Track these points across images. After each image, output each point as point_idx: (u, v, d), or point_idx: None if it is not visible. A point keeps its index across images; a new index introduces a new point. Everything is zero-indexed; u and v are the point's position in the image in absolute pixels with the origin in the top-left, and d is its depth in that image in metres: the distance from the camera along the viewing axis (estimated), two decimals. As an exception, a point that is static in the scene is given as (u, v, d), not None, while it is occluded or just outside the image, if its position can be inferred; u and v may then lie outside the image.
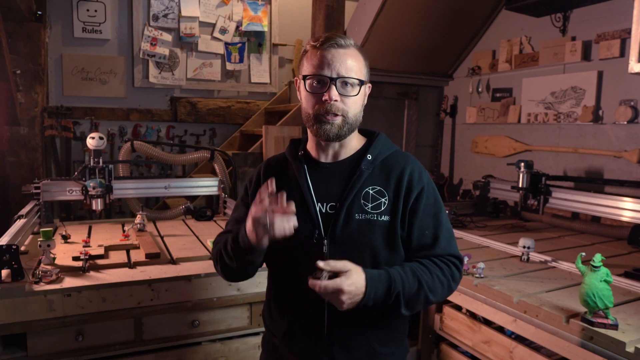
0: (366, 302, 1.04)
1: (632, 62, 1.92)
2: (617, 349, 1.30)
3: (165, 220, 2.84)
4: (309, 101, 1.16)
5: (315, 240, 1.14)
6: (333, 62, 1.11)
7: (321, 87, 1.13)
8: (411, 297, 1.08)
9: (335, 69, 1.11)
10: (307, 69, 1.15)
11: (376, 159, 1.20)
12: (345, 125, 1.15)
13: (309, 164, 1.23)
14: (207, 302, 1.82)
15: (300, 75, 1.18)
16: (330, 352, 1.16)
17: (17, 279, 1.59)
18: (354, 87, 1.14)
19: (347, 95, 1.13)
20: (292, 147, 1.28)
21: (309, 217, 1.16)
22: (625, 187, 2.62)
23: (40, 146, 3.53)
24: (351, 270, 1.02)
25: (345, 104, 1.13)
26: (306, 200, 1.17)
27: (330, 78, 1.11)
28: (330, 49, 1.12)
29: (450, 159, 4.12)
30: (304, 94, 1.17)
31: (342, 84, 1.12)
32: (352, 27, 3.68)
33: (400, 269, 1.10)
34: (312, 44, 1.15)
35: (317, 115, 1.14)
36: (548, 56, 3.21)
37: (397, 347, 1.24)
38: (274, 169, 1.28)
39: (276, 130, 3.49)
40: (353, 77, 1.13)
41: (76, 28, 3.72)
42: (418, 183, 1.18)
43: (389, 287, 1.05)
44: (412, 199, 1.16)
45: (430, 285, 1.10)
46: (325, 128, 1.14)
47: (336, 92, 1.12)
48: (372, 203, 1.16)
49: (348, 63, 1.12)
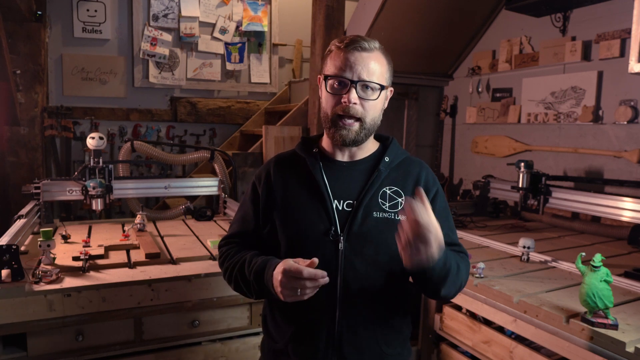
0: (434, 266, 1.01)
1: (632, 62, 1.92)
2: (617, 349, 1.30)
3: (165, 220, 2.84)
4: (328, 101, 1.15)
5: (331, 237, 1.14)
6: (355, 64, 1.11)
7: (341, 89, 1.13)
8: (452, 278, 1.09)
9: (357, 72, 1.11)
10: (330, 69, 1.15)
11: (393, 162, 1.22)
12: (362, 131, 1.15)
13: (324, 161, 1.22)
14: (207, 302, 1.81)
15: (322, 75, 1.18)
16: (340, 352, 1.15)
17: (17, 279, 1.58)
18: (375, 91, 1.14)
19: (366, 99, 1.13)
20: (304, 144, 1.28)
21: (325, 214, 1.16)
22: (625, 187, 2.62)
23: (40, 146, 3.53)
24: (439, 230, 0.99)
25: (364, 108, 1.13)
26: (323, 197, 1.17)
27: (351, 81, 1.11)
28: (354, 51, 1.11)
29: (450, 159, 4.12)
30: (324, 94, 1.17)
31: (363, 87, 1.12)
32: (352, 27, 3.68)
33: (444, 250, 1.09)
34: (336, 45, 1.15)
35: (334, 117, 1.14)
36: (548, 56, 3.21)
37: (402, 349, 1.25)
38: (284, 165, 1.26)
39: (276, 130, 3.49)
40: (374, 81, 1.12)
41: (76, 28, 3.72)
42: (433, 186, 1.23)
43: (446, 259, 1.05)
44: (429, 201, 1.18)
45: (462, 272, 1.14)
46: (342, 133, 1.14)
47: (356, 94, 1.11)
48: (390, 202, 1.17)
49: (370, 66, 1.12)
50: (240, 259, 1.20)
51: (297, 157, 1.26)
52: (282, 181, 1.23)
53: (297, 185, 1.21)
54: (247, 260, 1.17)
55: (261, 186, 1.25)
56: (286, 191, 1.22)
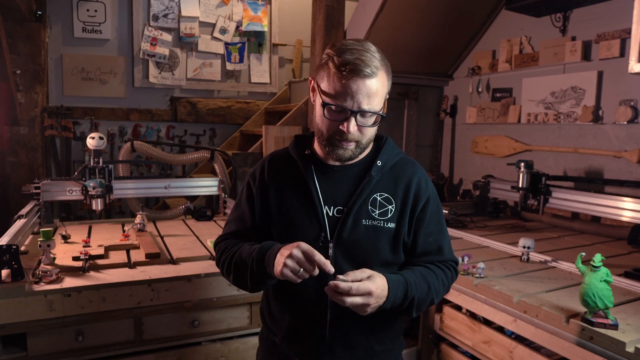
0: (385, 306, 1.05)
1: (632, 62, 1.92)
2: (617, 349, 1.30)
3: (165, 220, 2.84)
4: (324, 123, 1.12)
5: (321, 243, 1.14)
6: (357, 94, 1.06)
7: (339, 115, 1.09)
8: (422, 300, 1.12)
9: (358, 102, 1.06)
10: (328, 88, 1.08)
11: (385, 165, 1.21)
12: (357, 150, 1.15)
13: (316, 164, 1.21)
14: (207, 302, 1.81)
15: (317, 85, 1.14)
16: (332, 351, 1.17)
17: (17, 279, 1.58)
18: (372, 117, 1.12)
19: (364, 125, 1.11)
20: (297, 144, 1.26)
21: (315, 220, 1.16)
22: (625, 187, 2.62)
23: (40, 146, 3.53)
24: (374, 275, 1.02)
25: (361, 132, 1.12)
26: (314, 203, 1.16)
27: (351, 111, 1.07)
28: (356, 79, 1.05)
29: (450, 159, 4.12)
30: (320, 114, 1.13)
31: (362, 115, 1.10)
32: (352, 27, 3.68)
33: (412, 274, 1.13)
34: (336, 65, 1.06)
35: (331, 138, 1.13)
36: (548, 56, 3.21)
37: (394, 344, 1.26)
38: (278, 165, 1.26)
39: (276, 130, 3.49)
40: (374, 110, 1.09)
41: (76, 28, 3.72)
42: (425, 192, 1.21)
43: (406, 292, 1.08)
44: (419, 208, 1.19)
45: (436, 288, 1.15)
46: (339, 152, 1.14)
47: (355, 123, 1.09)
48: (380, 209, 1.17)
49: (372, 94, 1.07)
50: (240, 247, 1.20)
51: (290, 157, 1.25)
52: (275, 182, 1.23)
53: (290, 189, 1.21)
54: (247, 246, 1.18)
55: (255, 185, 1.25)
56: (279, 193, 1.22)
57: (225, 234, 1.31)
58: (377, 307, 1.03)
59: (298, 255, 1.01)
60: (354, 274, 1.01)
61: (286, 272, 1.02)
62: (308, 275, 1.02)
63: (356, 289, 0.98)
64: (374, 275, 1.02)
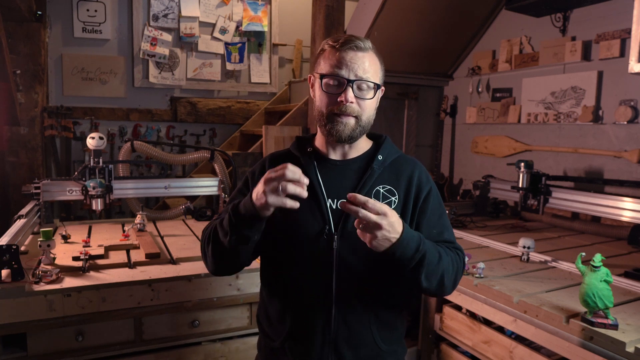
0: (395, 249, 1.01)
1: (632, 62, 1.92)
2: (617, 349, 1.30)
3: (165, 220, 2.84)
4: (323, 100, 1.15)
5: (325, 236, 1.14)
6: (351, 63, 1.11)
7: (337, 88, 1.13)
8: (433, 266, 1.08)
9: (353, 71, 1.11)
10: (324, 68, 1.15)
11: (386, 160, 1.22)
12: (357, 127, 1.16)
13: (318, 160, 1.23)
14: (207, 302, 1.81)
15: (316, 74, 1.18)
16: (338, 351, 1.15)
17: (17, 279, 1.59)
18: (370, 90, 1.15)
19: (362, 98, 1.14)
20: (298, 143, 1.28)
21: (319, 213, 1.16)
22: (625, 187, 2.62)
23: (40, 146, 3.53)
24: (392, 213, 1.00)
25: (360, 106, 1.14)
26: (317, 196, 1.17)
27: (347, 80, 1.11)
28: (349, 50, 1.12)
29: (450, 159, 4.12)
30: (319, 93, 1.17)
31: (359, 86, 1.13)
32: (352, 27, 3.68)
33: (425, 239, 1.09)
34: (330, 44, 1.15)
35: (330, 114, 1.14)
36: (548, 56, 3.21)
37: (398, 346, 1.25)
38: (279, 163, 1.26)
39: (276, 130, 3.49)
40: (370, 80, 1.13)
41: (76, 28, 3.72)
42: (426, 185, 1.22)
43: (419, 245, 1.04)
44: (421, 200, 1.20)
45: (446, 264, 1.11)
46: (338, 128, 1.14)
47: (352, 93, 1.12)
48: (383, 201, 1.17)
49: (366, 66, 1.12)
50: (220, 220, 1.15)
51: (291, 156, 1.26)
52: None
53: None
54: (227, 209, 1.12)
55: (255, 182, 1.22)
56: None
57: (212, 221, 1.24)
58: (387, 240, 0.99)
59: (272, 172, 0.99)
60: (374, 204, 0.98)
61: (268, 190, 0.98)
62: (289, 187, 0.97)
63: (372, 204, 0.97)
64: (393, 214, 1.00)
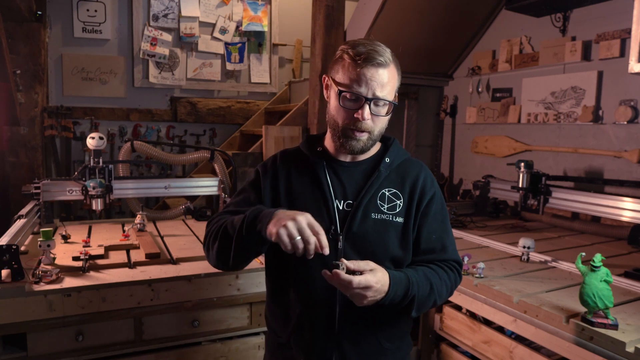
0: (383, 302, 1.05)
1: (632, 62, 1.92)
2: (617, 349, 1.30)
3: (165, 220, 2.84)
4: (339, 113, 1.16)
5: (331, 236, 1.15)
6: (371, 81, 1.11)
7: (354, 104, 1.13)
8: (423, 300, 1.12)
9: (372, 89, 1.11)
10: (343, 79, 1.13)
11: (393, 163, 1.24)
12: (370, 142, 1.18)
13: (327, 160, 1.25)
14: (207, 302, 1.82)
15: (333, 81, 1.16)
16: (340, 347, 1.17)
17: (17, 279, 1.59)
18: (385, 107, 1.16)
19: (378, 115, 1.15)
20: (309, 142, 1.29)
21: (326, 213, 1.18)
22: (625, 187, 2.62)
23: (40, 146, 3.53)
24: (376, 269, 1.03)
25: (374, 122, 1.16)
26: (325, 196, 1.19)
27: (365, 98, 1.11)
28: (370, 67, 1.10)
29: (450, 159, 4.12)
30: (335, 104, 1.17)
31: (375, 103, 1.13)
32: (352, 27, 3.68)
33: (414, 273, 1.13)
34: (351, 55, 1.12)
35: (345, 129, 1.16)
36: (548, 56, 3.21)
37: (402, 342, 1.26)
38: (289, 160, 1.28)
39: (276, 131, 3.49)
40: (387, 99, 1.14)
41: (76, 28, 3.72)
42: (430, 189, 1.24)
43: (407, 290, 1.08)
44: (424, 203, 1.22)
45: (439, 290, 1.15)
46: (352, 144, 1.17)
47: (369, 111, 1.13)
48: (388, 204, 1.20)
49: (385, 83, 1.12)
50: (232, 217, 1.14)
51: (301, 154, 1.28)
52: (286, 176, 1.25)
53: (301, 183, 1.23)
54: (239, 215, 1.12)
55: (267, 175, 1.26)
56: (289, 187, 1.23)
57: (221, 212, 1.25)
58: (375, 301, 1.04)
59: (302, 222, 0.99)
60: (357, 264, 1.02)
61: (282, 233, 0.98)
62: (302, 247, 0.98)
63: (357, 283, 0.98)
64: (377, 269, 1.03)
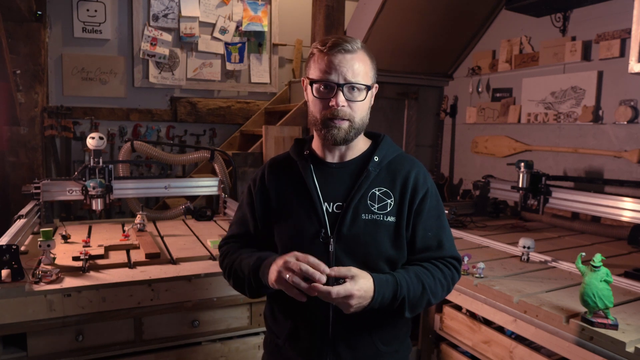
0: (372, 306, 1.06)
1: (632, 62, 1.92)
2: (617, 349, 1.30)
3: (165, 220, 2.84)
4: (316, 105, 1.16)
5: (321, 239, 1.15)
6: (340, 67, 1.11)
7: (328, 93, 1.13)
8: (415, 301, 1.12)
9: (342, 75, 1.11)
10: (314, 73, 1.15)
11: (382, 161, 1.22)
12: (352, 130, 1.16)
13: (315, 163, 1.23)
14: (207, 302, 1.81)
15: (307, 78, 1.18)
16: (335, 350, 1.17)
17: (17, 279, 1.58)
18: (361, 92, 1.14)
19: (353, 100, 1.14)
20: (297, 146, 1.29)
21: (315, 216, 1.17)
22: (625, 187, 2.62)
23: (40, 146, 3.53)
24: (358, 275, 1.03)
25: (352, 109, 1.14)
26: (313, 200, 1.18)
27: (337, 84, 1.11)
28: (337, 54, 1.11)
29: (450, 159, 4.12)
30: (311, 98, 1.17)
31: (349, 89, 1.13)
32: (352, 27, 3.68)
33: (405, 273, 1.12)
34: (319, 48, 1.14)
35: (324, 119, 1.15)
36: (548, 56, 3.21)
37: (400, 345, 1.25)
38: (278, 168, 1.28)
39: (276, 130, 3.49)
40: (360, 82, 1.13)
41: (76, 28, 3.72)
42: (423, 185, 1.21)
43: (395, 292, 1.08)
44: (417, 201, 1.19)
45: (432, 289, 1.14)
46: (333, 133, 1.15)
47: (343, 97, 1.12)
48: (379, 204, 1.17)
49: (355, 68, 1.12)
50: (239, 255, 1.23)
51: (290, 159, 1.27)
52: (275, 184, 1.25)
53: (290, 189, 1.23)
54: (246, 255, 1.20)
55: (255, 189, 1.28)
56: (279, 194, 1.24)
57: (227, 237, 1.34)
58: (362, 307, 1.04)
59: (291, 260, 1.03)
60: (338, 270, 1.03)
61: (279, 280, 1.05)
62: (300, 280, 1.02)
63: (336, 294, 0.99)
64: (358, 276, 1.03)
